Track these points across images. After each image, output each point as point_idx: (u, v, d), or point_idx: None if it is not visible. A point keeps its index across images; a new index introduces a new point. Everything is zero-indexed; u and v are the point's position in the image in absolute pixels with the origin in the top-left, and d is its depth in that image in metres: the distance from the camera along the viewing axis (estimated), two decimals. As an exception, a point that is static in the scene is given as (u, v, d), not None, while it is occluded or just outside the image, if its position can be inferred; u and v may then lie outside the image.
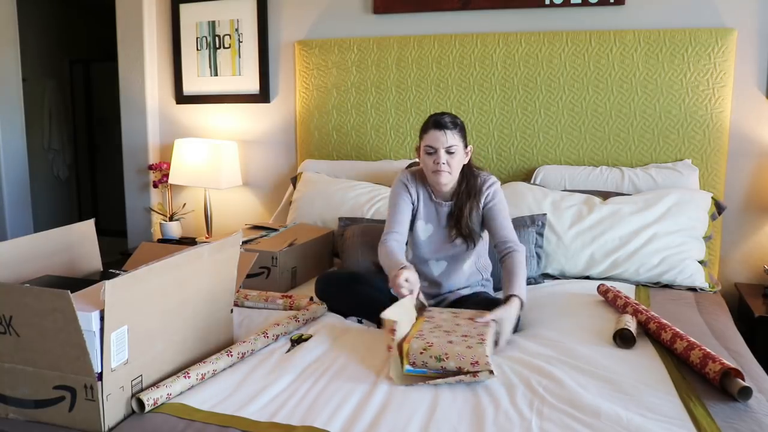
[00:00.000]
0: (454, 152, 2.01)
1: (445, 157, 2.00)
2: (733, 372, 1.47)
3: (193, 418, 1.36)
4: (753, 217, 2.69)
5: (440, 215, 2.12)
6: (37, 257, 1.78)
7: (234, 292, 1.82)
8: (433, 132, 2.02)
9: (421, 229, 2.14)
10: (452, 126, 2.01)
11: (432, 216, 2.13)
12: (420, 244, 2.14)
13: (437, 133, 2.00)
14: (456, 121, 2.03)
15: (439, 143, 2.00)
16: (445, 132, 1.99)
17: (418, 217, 2.14)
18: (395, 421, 1.35)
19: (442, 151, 2.00)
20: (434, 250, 2.13)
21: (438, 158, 2.01)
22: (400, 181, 2.16)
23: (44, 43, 5.04)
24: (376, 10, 3.05)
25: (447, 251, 2.11)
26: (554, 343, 1.76)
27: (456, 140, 2.01)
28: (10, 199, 3.76)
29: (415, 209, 2.15)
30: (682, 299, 2.22)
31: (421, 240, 2.14)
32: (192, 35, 3.38)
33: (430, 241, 2.13)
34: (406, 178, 2.16)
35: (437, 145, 2.00)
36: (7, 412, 1.41)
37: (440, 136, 2.00)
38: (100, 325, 1.33)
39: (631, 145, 2.74)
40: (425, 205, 2.14)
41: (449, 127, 2.00)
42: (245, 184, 3.39)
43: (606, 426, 1.31)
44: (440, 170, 2.01)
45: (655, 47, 2.66)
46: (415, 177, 2.16)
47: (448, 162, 2.01)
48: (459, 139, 2.02)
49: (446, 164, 2.01)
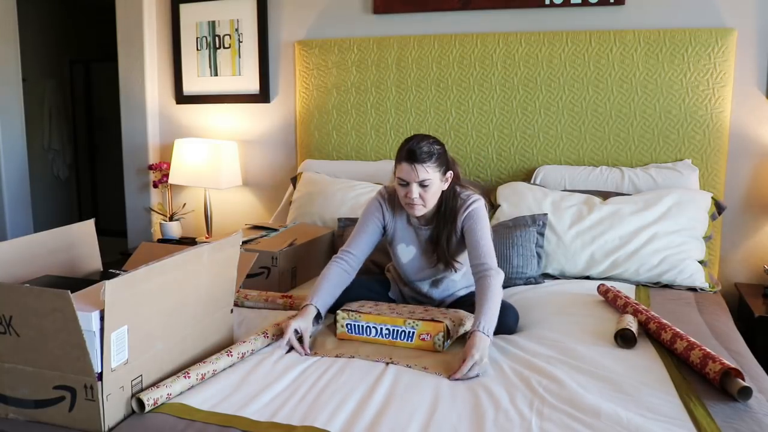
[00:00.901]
0: (428, 185, 1.88)
1: (417, 191, 1.88)
2: (733, 372, 1.47)
3: (193, 418, 1.36)
4: (753, 217, 2.69)
5: (420, 238, 2.04)
6: (37, 257, 1.78)
7: (234, 292, 1.82)
8: (404, 165, 1.88)
9: (402, 252, 2.06)
10: (427, 158, 1.85)
11: (412, 239, 2.05)
12: (403, 267, 2.08)
13: (408, 168, 1.87)
14: (432, 150, 1.87)
15: (410, 177, 1.87)
16: (416, 167, 1.85)
17: (397, 240, 2.06)
18: (395, 421, 1.35)
19: (414, 185, 1.88)
20: (417, 272, 2.07)
21: (410, 192, 1.88)
22: (376, 201, 2.06)
23: (44, 43, 5.04)
24: (376, 10, 3.05)
25: (431, 273, 2.06)
26: (554, 343, 1.76)
27: (430, 173, 1.87)
28: (10, 199, 3.76)
29: (391, 233, 2.06)
30: (682, 299, 2.22)
31: (403, 263, 2.07)
32: (192, 35, 3.39)
33: (413, 264, 2.06)
34: (382, 199, 2.05)
35: (409, 179, 1.87)
36: (7, 412, 1.41)
37: (411, 171, 1.86)
38: (100, 325, 1.33)
39: (631, 145, 2.74)
40: (403, 228, 2.05)
41: (423, 160, 1.85)
42: (245, 184, 3.39)
43: (606, 426, 1.31)
44: (413, 204, 1.90)
45: (655, 47, 2.66)
46: (394, 198, 2.05)
47: (422, 196, 1.89)
48: (434, 170, 1.88)
49: (419, 197, 1.89)
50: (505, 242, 2.39)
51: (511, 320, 1.91)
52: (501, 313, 1.86)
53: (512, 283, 2.35)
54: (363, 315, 1.82)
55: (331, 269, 1.97)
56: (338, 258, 2.00)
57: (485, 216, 1.96)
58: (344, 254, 2.01)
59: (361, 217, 2.08)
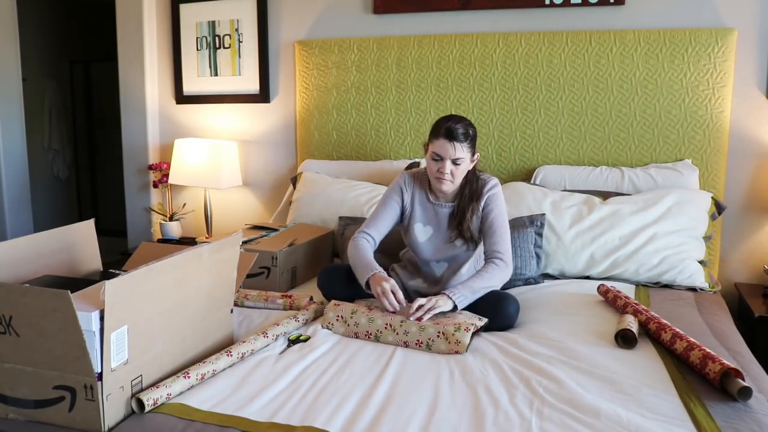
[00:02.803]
0: (460, 164, 2.02)
1: (450, 168, 2.01)
2: (733, 372, 1.47)
3: (193, 418, 1.36)
4: (753, 217, 2.69)
5: (440, 217, 2.12)
6: (37, 257, 1.78)
7: (234, 292, 1.82)
8: (442, 141, 2.00)
9: (419, 231, 2.15)
10: (464, 138, 2.00)
11: (431, 218, 2.14)
12: (420, 246, 2.14)
13: (446, 144, 2.00)
14: (468, 132, 2.02)
15: (446, 154, 2.00)
16: (454, 144, 1.99)
17: (415, 219, 2.15)
18: (395, 421, 1.35)
19: (448, 162, 2.01)
20: (435, 252, 2.13)
21: (443, 167, 2.02)
22: (398, 184, 2.18)
23: (44, 43, 5.04)
24: (376, 10, 3.05)
25: (448, 252, 2.12)
26: (554, 343, 1.76)
27: (464, 152, 2.01)
28: (10, 199, 3.76)
29: (409, 212, 2.16)
30: (682, 299, 2.22)
31: (420, 242, 2.14)
32: (192, 35, 3.38)
33: (430, 243, 2.13)
34: (404, 181, 2.18)
35: (444, 155, 2.01)
36: (7, 412, 1.41)
37: (449, 148, 2.00)
38: (100, 325, 1.33)
39: (631, 145, 2.74)
40: (422, 207, 2.15)
41: (460, 139, 1.99)
42: (245, 184, 3.39)
43: (606, 426, 1.31)
44: (443, 179, 2.03)
45: (655, 47, 2.66)
46: (414, 179, 2.18)
47: (453, 172, 2.02)
48: (468, 150, 2.02)
49: (450, 174, 2.02)
50: (505, 242, 2.39)
51: (511, 309, 1.92)
52: (502, 302, 1.93)
53: (512, 284, 2.34)
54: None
55: (359, 241, 2.10)
56: (359, 235, 2.11)
57: (503, 201, 2.11)
58: (362, 233, 2.13)
59: (381, 199, 2.19)
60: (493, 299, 1.95)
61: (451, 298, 1.88)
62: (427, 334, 1.77)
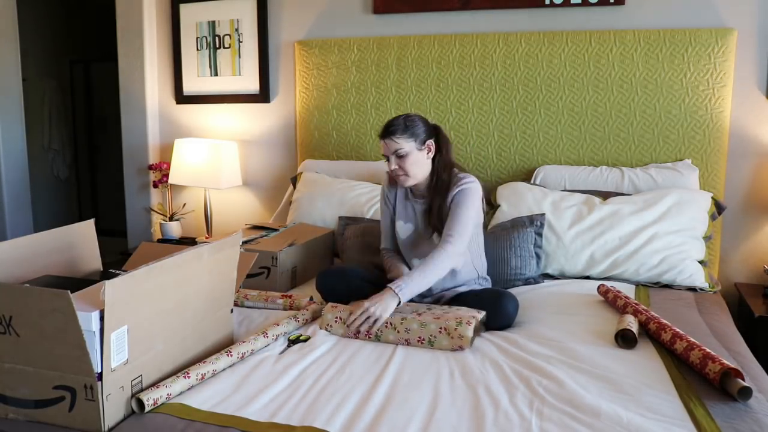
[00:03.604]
0: (403, 155, 2.04)
1: (396, 162, 2.05)
2: (733, 372, 1.47)
3: (193, 418, 1.36)
4: (753, 217, 2.69)
5: (417, 213, 2.15)
6: (37, 257, 1.78)
7: (234, 292, 1.82)
8: (381, 141, 2.08)
9: (401, 229, 2.19)
10: (397, 131, 2.03)
11: (410, 215, 2.17)
12: (402, 244, 2.19)
13: (382, 142, 2.07)
14: (404, 123, 2.04)
15: (387, 150, 2.06)
16: (386, 140, 2.05)
17: (398, 217, 2.19)
18: (395, 421, 1.35)
19: (392, 157, 2.06)
20: (415, 249, 2.15)
21: (390, 164, 2.07)
22: (382, 190, 2.27)
23: (44, 43, 5.04)
24: (376, 10, 3.05)
25: (427, 248, 2.09)
26: (554, 343, 1.76)
27: (403, 143, 2.03)
28: (10, 199, 3.76)
29: (393, 208, 2.22)
30: (682, 299, 2.22)
31: (402, 239, 2.18)
32: (192, 35, 3.38)
33: (410, 240, 2.17)
34: (386, 185, 2.25)
35: (386, 152, 2.07)
36: (7, 412, 1.41)
37: (385, 145, 2.06)
38: (100, 325, 1.33)
39: (631, 145, 2.74)
40: (402, 204, 2.19)
41: (393, 133, 2.03)
42: (245, 184, 3.39)
43: (606, 426, 1.31)
44: (397, 175, 2.07)
45: (655, 47, 2.66)
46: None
47: (400, 166, 2.05)
48: (407, 140, 2.03)
49: (399, 168, 2.05)
50: (503, 243, 2.39)
51: (510, 307, 1.92)
52: (501, 300, 1.92)
53: (512, 283, 2.35)
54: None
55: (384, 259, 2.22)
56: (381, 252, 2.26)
57: (476, 198, 2.06)
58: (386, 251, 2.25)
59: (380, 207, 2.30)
60: (492, 298, 1.94)
61: (397, 294, 1.86)
62: (428, 330, 1.77)
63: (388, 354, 1.72)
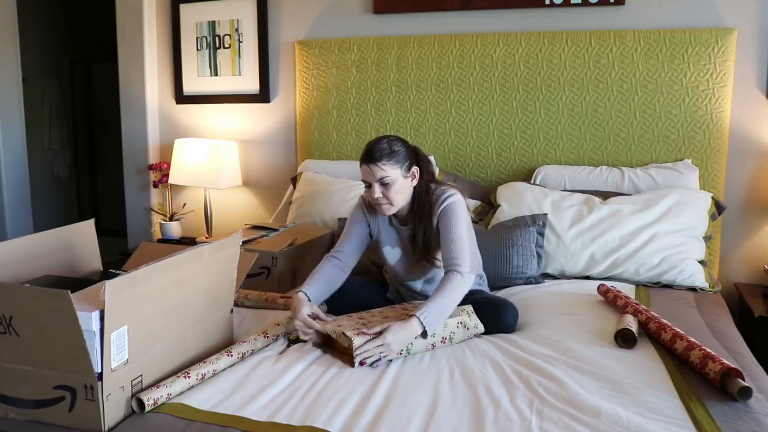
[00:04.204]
0: (388, 183, 1.88)
1: (379, 190, 1.89)
2: (733, 372, 1.47)
3: (193, 418, 1.36)
4: (753, 217, 2.69)
5: (403, 239, 2.04)
6: (37, 257, 1.78)
7: (234, 292, 1.82)
8: (363, 167, 1.90)
9: (389, 254, 2.07)
10: (383, 156, 1.86)
11: (396, 240, 2.05)
12: (393, 268, 2.10)
13: (366, 168, 1.89)
14: (390, 148, 1.88)
15: (370, 177, 1.89)
16: (371, 167, 1.87)
17: (383, 242, 2.07)
18: (395, 421, 1.35)
19: (376, 185, 1.88)
20: (407, 273, 2.07)
21: (373, 192, 1.89)
22: (358, 208, 2.07)
23: (44, 43, 5.04)
24: (376, 10, 3.05)
25: (419, 273, 2.06)
26: (554, 343, 1.76)
27: (388, 170, 1.87)
28: (10, 199, 3.76)
29: (376, 236, 2.07)
30: (682, 299, 2.22)
31: (392, 264, 2.09)
32: (192, 35, 3.38)
33: (401, 266, 2.07)
34: (363, 204, 2.07)
35: (369, 179, 1.89)
36: (7, 412, 1.41)
37: (369, 171, 1.88)
38: (100, 325, 1.33)
39: (631, 145, 2.74)
40: (386, 230, 2.06)
41: (379, 158, 1.86)
42: (245, 184, 3.39)
43: (606, 426, 1.31)
44: (380, 204, 1.91)
45: (655, 47, 2.66)
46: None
47: (385, 194, 1.89)
48: (392, 167, 1.87)
49: (383, 197, 1.89)
50: (504, 242, 2.39)
51: (510, 318, 1.91)
52: (500, 311, 1.89)
53: (512, 282, 2.35)
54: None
55: (324, 264, 1.99)
56: (330, 256, 2.02)
57: (462, 211, 1.93)
58: (336, 253, 2.02)
59: (347, 223, 2.09)
60: (492, 308, 1.91)
61: (422, 324, 1.69)
62: (449, 329, 1.78)
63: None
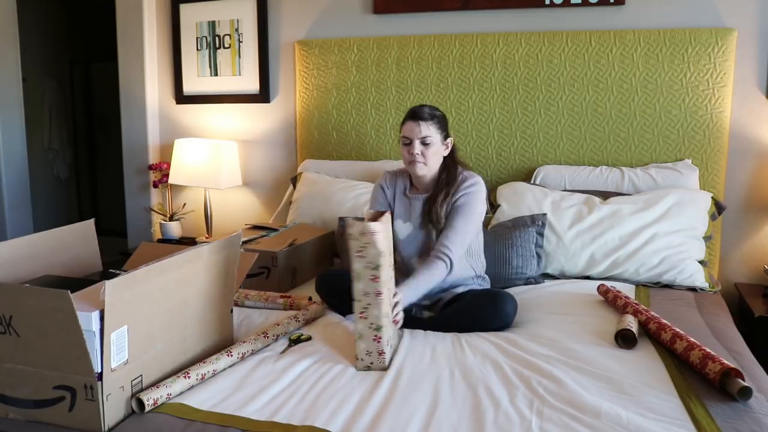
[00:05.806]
0: (429, 143, 2.03)
1: (419, 148, 2.03)
2: (733, 372, 1.47)
3: (193, 418, 1.36)
4: (753, 217, 2.69)
5: (415, 210, 2.12)
6: (37, 257, 1.78)
7: (234, 292, 1.82)
8: (408, 123, 2.05)
9: (399, 228, 2.14)
10: (428, 117, 2.03)
11: (407, 213, 2.13)
12: (400, 245, 2.14)
13: (412, 124, 2.04)
14: (434, 113, 2.05)
15: (413, 134, 2.03)
16: (419, 123, 2.02)
17: (396, 216, 2.15)
18: (395, 421, 1.35)
19: (416, 142, 2.03)
20: (414, 249, 2.11)
21: (412, 149, 2.03)
22: (378, 183, 2.22)
23: (44, 43, 5.04)
24: (376, 10, 3.04)
25: (426, 246, 2.09)
26: (554, 343, 1.76)
27: (431, 131, 2.03)
28: (10, 199, 3.76)
29: (392, 205, 2.18)
30: (682, 299, 2.22)
31: (399, 240, 2.13)
32: (192, 35, 3.38)
33: (409, 241, 2.12)
34: (384, 179, 2.21)
35: (412, 136, 2.03)
36: (7, 412, 1.41)
37: (414, 127, 2.03)
38: (100, 325, 1.33)
39: (631, 145, 2.74)
40: (400, 201, 2.16)
41: (425, 118, 2.02)
42: (245, 184, 3.39)
43: (606, 426, 1.31)
44: (415, 161, 2.04)
45: (655, 47, 2.66)
46: (395, 175, 2.21)
47: (423, 153, 2.03)
48: (435, 130, 2.04)
49: (420, 155, 2.03)
50: (504, 242, 2.39)
51: (509, 308, 1.92)
52: (499, 301, 1.92)
53: (512, 283, 2.35)
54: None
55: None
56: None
57: (480, 203, 2.06)
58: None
59: (370, 200, 2.25)
60: (490, 298, 1.94)
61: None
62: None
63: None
